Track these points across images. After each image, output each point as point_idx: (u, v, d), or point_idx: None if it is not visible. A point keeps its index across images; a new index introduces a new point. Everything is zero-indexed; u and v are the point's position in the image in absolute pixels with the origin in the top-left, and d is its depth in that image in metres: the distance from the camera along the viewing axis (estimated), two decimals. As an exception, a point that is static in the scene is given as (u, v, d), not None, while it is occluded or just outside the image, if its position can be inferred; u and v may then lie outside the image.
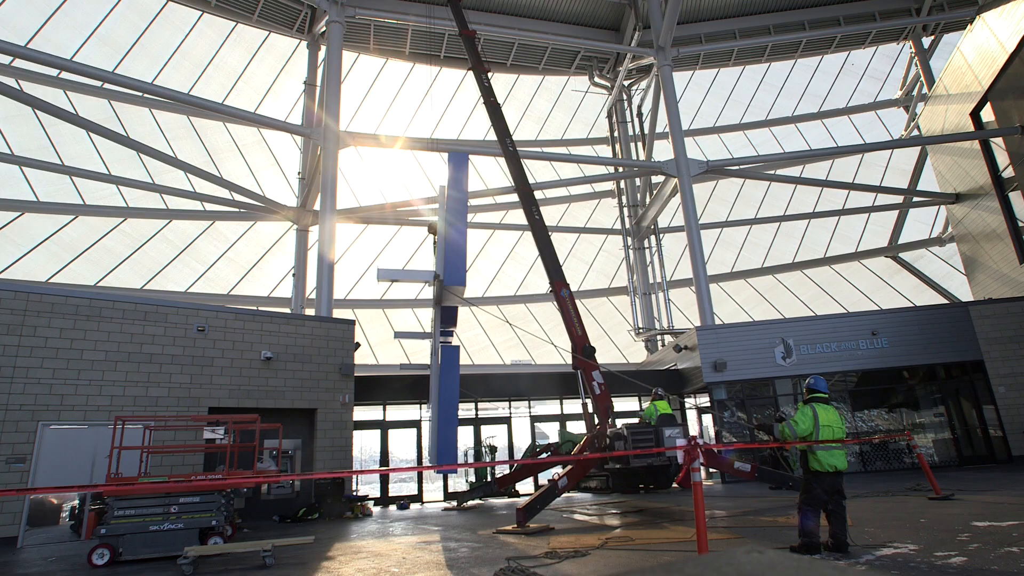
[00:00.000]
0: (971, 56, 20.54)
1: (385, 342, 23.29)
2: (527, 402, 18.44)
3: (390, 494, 16.67)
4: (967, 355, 16.78)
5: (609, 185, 26.86)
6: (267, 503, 13.74)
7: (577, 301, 12.88)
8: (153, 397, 12.27)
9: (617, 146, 26.76)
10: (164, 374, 12.50)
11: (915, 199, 25.72)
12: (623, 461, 11.01)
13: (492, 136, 25.06)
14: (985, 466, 15.73)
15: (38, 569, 7.73)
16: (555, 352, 24.72)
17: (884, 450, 16.71)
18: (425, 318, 24.36)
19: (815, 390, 6.34)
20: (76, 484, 10.89)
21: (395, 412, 17.13)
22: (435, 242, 13.76)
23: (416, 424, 17.15)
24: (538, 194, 21.98)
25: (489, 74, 14.70)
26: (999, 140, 19.77)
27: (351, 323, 15.50)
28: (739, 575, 0.79)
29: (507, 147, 13.78)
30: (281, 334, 14.16)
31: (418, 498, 16.59)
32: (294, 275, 21.16)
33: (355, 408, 15.03)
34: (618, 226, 26.38)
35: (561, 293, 12.40)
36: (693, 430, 18.85)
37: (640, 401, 19.40)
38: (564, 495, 13.03)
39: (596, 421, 11.80)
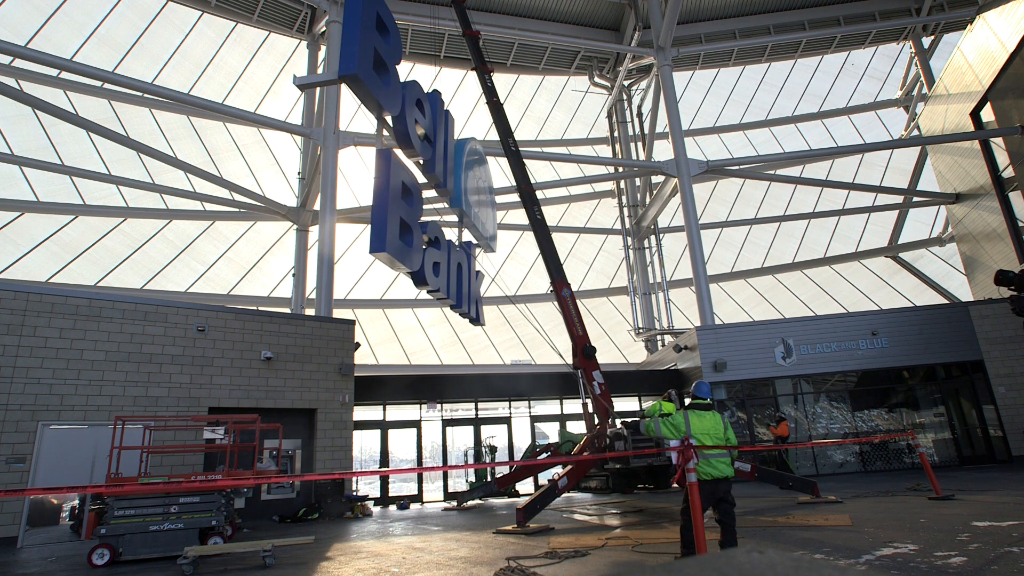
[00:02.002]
0: (971, 56, 20.54)
1: (385, 342, 23.30)
2: (527, 402, 18.44)
3: (390, 494, 16.66)
4: (967, 355, 16.79)
5: (609, 185, 26.86)
6: (267, 503, 13.74)
7: (577, 301, 12.89)
8: (153, 397, 12.27)
9: (617, 146, 26.76)
10: (164, 374, 12.50)
11: (915, 199, 25.73)
12: (623, 461, 11.01)
13: (492, 136, 25.11)
14: (985, 466, 15.73)
15: (38, 569, 7.73)
16: (555, 352, 24.74)
17: (884, 450, 16.71)
18: (425, 318, 24.37)
19: (696, 396, 6.11)
20: (76, 484, 10.88)
21: (395, 412, 17.13)
22: None
23: (416, 424, 17.15)
24: (538, 194, 21.97)
25: (492, 74, 14.67)
26: (999, 140, 19.77)
27: (351, 323, 15.51)
28: (739, 575, 0.79)
29: (509, 147, 13.80)
30: (281, 334, 14.17)
31: (418, 498, 16.59)
32: (294, 275, 21.16)
33: (355, 408, 15.03)
34: (618, 226, 26.38)
35: (562, 293, 12.40)
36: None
37: (640, 401, 19.41)
38: (564, 495, 13.03)
39: (596, 421, 11.80)
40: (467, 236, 13.65)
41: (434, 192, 12.49)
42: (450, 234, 12.83)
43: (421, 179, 11.63)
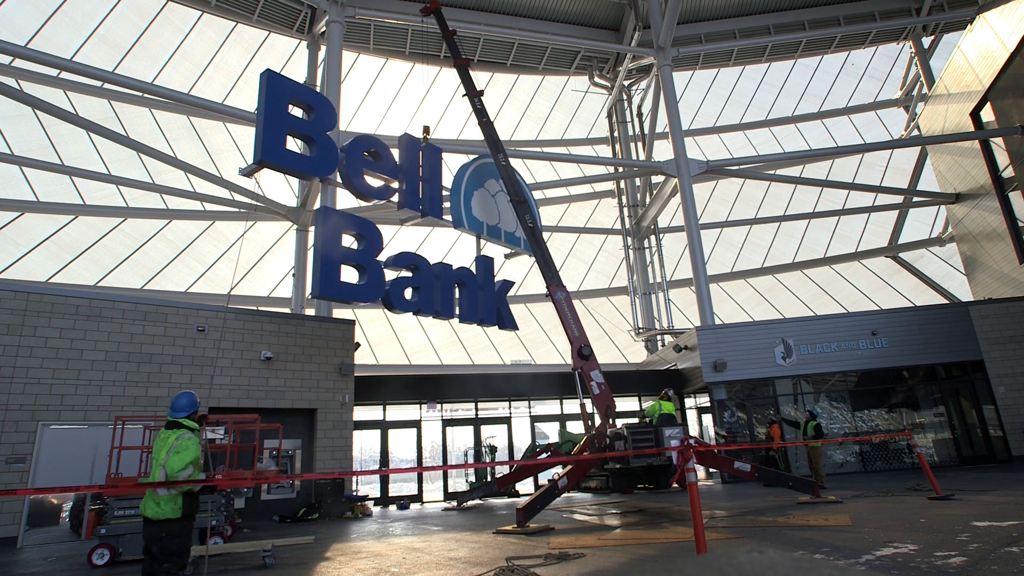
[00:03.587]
0: (972, 55, 20.54)
1: (385, 342, 23.30)
2: (527, 402, 18.44)
3: (390, 494, 16.67)
4: (967, 355, 16.79)
5: (609, 185, 26.86)
6: (267, 503, 13.74)
7: (577, 301, 12.96)
8: (153, 397, 12.27)
9: (617, 146, 26.76)
10: (164, 374, 12.50)
11: (915, 199, 25.73)
12: (623, 461, 11.01)
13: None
14: (985, 466, 15.73)
15: (38, 569, 7.73)
16: (555, 352, 24.75)
17: (884, 450, 16.71)
18: (425, 318, 24.33)
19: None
20: (76, 484, 10.88)
21: (395, 412, 17.13)
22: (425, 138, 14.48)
23: (416, 424, 17.16)
24: (538, 194, 22.01)
25: (482, 96, 15.17)
26: (999, 140, 19.77)
27: (351, 323, 15.51)
28: (739, 575, 0.79)
29: (499, 162, 14.32)
30: (281, 334, 14.17)
31: (418, 498, 16.60)
32: (294, 275, 21.15)
33: (355, 408, 15.03)
34: (618, 226, 26.38)
35: (556, 296, 12.47)
36: (694, 430, 18.86)
37: (640, 401, 19.42)
38: (564, 495, 13.03)
39: (596, 421, 11.80)
40: (494, 250, 14.83)
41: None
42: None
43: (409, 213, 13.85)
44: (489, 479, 15.59)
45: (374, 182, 13.43)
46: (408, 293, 13.29)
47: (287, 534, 10.12)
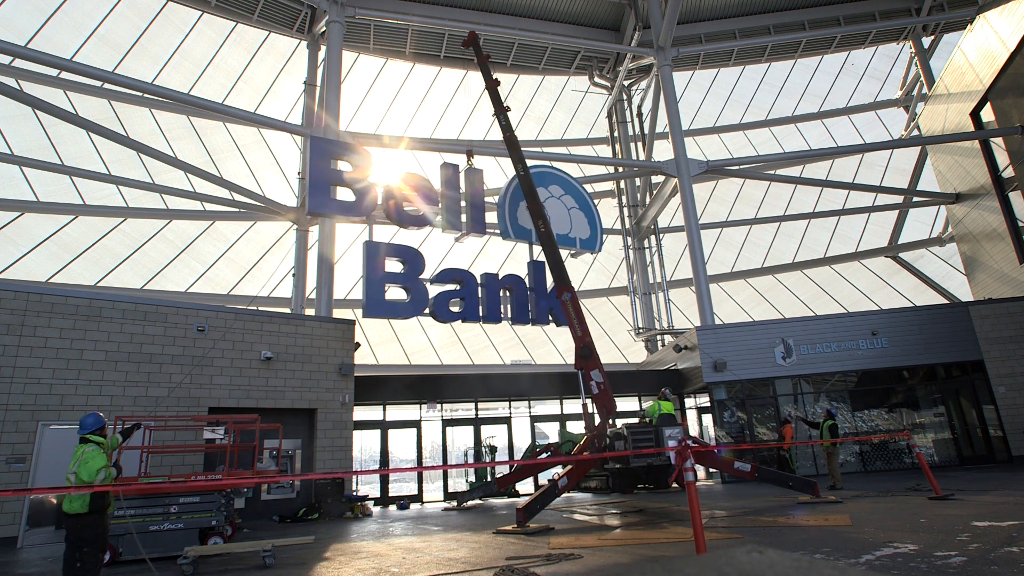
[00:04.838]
0: (972, 55, 20.54)
1: (385, 342, 23.29)
2: (527, 402, 18.44)
3: (390, 494, 16.66)
4: (967, 355, 16.78)
5: (609, 185, 26.85)
6: (267, 503, 13.74)
7: (578, 302, 13.01)
8: (153, 397, 12.27)
9: (617, 146, 26.75)
10: (164, 374, 12.49)
11: (915, 199, 25.73)
12: (623, 461, 11.01)
13: (492, 136, 25.13)
14: (985, 466, 15.73)
15: (38, 569, 7.73)
16: (555, 352, 24.74)
17: (884, 450, 16.71)
18: (425, 318, 24.31)
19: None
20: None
21: (395, 412, 17.13)
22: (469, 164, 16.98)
23: (416, 424, 17.15)
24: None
25: (509, 111, 15.64)
26: (999, 140, 19.76)
27: (351, 323, 15.50)
28: (739, 575, 0.79)
29: (519, 172, 14.55)
30: (281, 334, 14.16)
31: (418, 498, 16.59)
32: (294, 275, 21.14)
33: (355, 408, 15.03)
34: (618, 226, 26.37)
35: (562, 297, 12.50)
36: (694, 430, 18.86)
37: (640, 401, 19.41)
38: (564, 495, 13.03)
39: (596, 421, 11.80)
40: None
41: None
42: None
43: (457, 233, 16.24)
44: (489, 479, 15.59)
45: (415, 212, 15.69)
46: (453, 304, 15.05)
47: (287, 534, 10.12)
